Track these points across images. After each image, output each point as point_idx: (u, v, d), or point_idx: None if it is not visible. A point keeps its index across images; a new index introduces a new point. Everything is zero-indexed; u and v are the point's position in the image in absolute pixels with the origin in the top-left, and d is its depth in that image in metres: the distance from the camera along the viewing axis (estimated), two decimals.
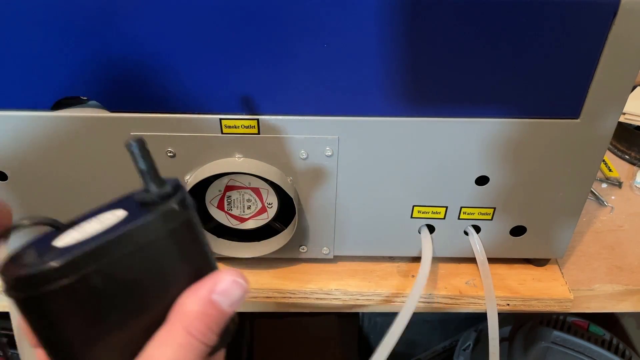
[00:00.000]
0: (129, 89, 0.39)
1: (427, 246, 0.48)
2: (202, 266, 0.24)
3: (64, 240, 0.21)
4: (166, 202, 0.22)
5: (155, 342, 0.23)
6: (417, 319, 0.91)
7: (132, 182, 0.47)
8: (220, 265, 0.25)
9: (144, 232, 0.21)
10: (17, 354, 0.32)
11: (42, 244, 0.21)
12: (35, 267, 0.20)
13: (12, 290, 0.20)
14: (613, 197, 0.64)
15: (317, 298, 0.51)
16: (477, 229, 0.49)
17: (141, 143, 0.23)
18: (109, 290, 0.21)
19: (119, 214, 0.22)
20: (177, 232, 0.23)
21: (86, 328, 0.21)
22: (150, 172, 0.23)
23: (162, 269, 0.22)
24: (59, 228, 0.23)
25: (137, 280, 0.22)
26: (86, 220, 0.23)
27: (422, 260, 0.48)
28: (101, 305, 0.21)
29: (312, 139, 0.42)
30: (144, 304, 0.23)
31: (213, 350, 0.24)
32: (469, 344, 0.81)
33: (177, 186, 0.23)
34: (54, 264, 0.20)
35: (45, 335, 0.21)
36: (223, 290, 0.24)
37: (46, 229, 0.23)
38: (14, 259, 0.21)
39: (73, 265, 0.20)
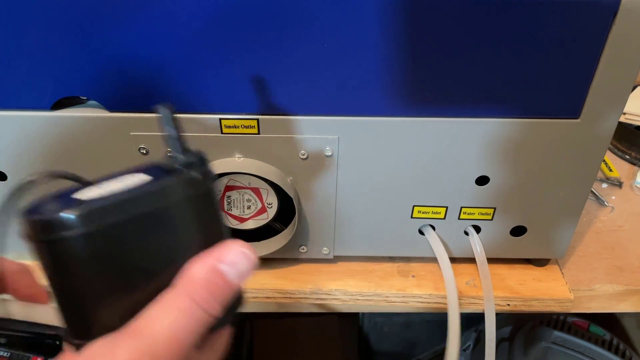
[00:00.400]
0: (129, 89, 0.39)
1: (437, 244, 0.49)
2: (214, 237, 0.24)
3: (86, 194, 0.22)
4: (189, 170, 0.23)
5: (157, 304, 0.22)
6: (417, 319, 0.91)
7: None
8: None
9: (163, 194, 0.22)
10: (18, 354, 0.33)
11: (64, 196, 0.22)
12: (56, 213, 0.20)
13: (32, 234, 0.21)
14: (613, 197, 0.64)
15: (317, 298, 0.51)
16: (477, 229, 0.49)
17: (170, 108, 0.23)
18: (123, 247, 0.21)
19: (142, 178, 0.23)
20: (195, 200, 0.23)
21: (96, 281, 0.21)
22: (177, 138, 0.23)
23: (176, 234, 0.23)
24: (82, 183, 0.23)
25: (151, 242, 0.22)
26: (109, 180, 0.23)
27: (439, 259, 0.48)
28: (114, 260, 0.21)
29: (312, 139, 0.42)
30: (155, 267, 0.23)
31: (217, 324, 0.24)
32: (469, 344, 0.81)
33: (202, 158, 0.24)
34: (73, 211, 0.20)
35: (56, 282, 0.22)
36: (231, 261, 0.24)
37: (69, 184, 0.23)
38: (36, 206, 0.21)
39: (92, 216, 0.21)
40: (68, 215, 0.20)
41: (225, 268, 0.23)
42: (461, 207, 0.47)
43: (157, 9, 0.36)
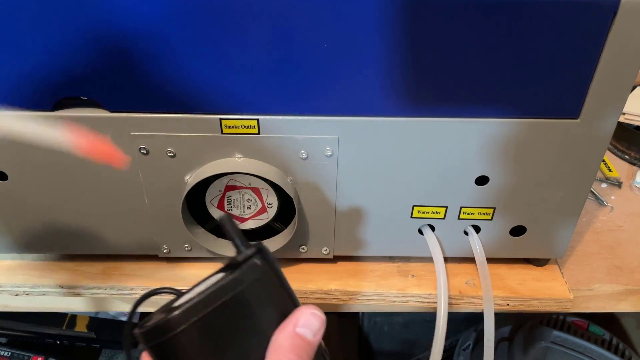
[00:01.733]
0: (129, 89, 0.39)
1: (434, 245, 0.49)
2: (288, 306, 0.29)
3: (182, 300, 0.27)
4: (251, 260, 0.29)
5: None
6: (417, 318, 0.91)
7: (131, 182, 0.47)
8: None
9: (235, 284, 0.27)
10: (19, 354, 0.38)
11: (167, 306, 0.28)
12: (160, 320, 0.26)
13: (144, 341, 0.27)
14: (613, 197, 0.64)
15: (317, 298, 0.51)
16: (477, 229, 0.49)
17: (229, 219, 0.29)
18: (215, 333, 0.27)
19: (218, 276, 0.28)
20: (262, 281, 0.28)
21: None
22: (240, 240, 0.29)
23: (255, 312, 0.28)
24: (180, 295, 0.29)
25: (237, 323, 0.27)
26: (198, 285, 0.29)
27: (435, 260, 0.49)
28: (211, 345, 0.27)
29: (312, 139, 0.42)
30: (245, 344, 0.28)
31: None
32: (469, 344, 0.81)
33: (260, 247, 0.29)
34: (172, 315, 0.26)
35: None
36: (304, 323, 0.28)
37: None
38: (149, 319, 0.27)
39: (185, 315, 0.26)
40: (168, 318, 0.26)
41: (302, 330, 0.28)
42: (461, 207, 0.47)
43: (158, 9, 0.36)
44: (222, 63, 0.38)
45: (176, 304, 0.27)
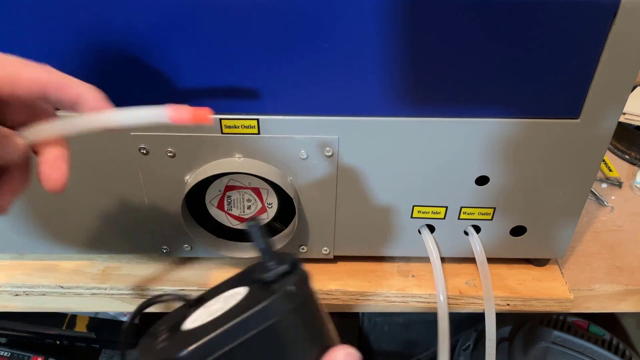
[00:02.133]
0: (130, 89, 0.39)
1: (431, 246, 0.49)
2: (323, 340, 0.25)
3: (192, 321, 0.23)
4: (285, 282, 0.23)
5: None
6: (417, 319, 0.91)
7: (131, 182, 0.46)
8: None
9: (263, 316, 0.22)
10: (19, 354, 0.35)
11: (174, 325, 0.23)
12: (167, 355, 0.21)
13: None
14: (613, 197, 0.64)
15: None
16: (477, 229, 0.49)
17: (257, 224, 0.25)
18: None
19: (240, 292, 0.24)
20: (296, 311, 0.23)
21: None
22: (268, 250, 0.24)
23: (285, 348, 0.23)
24: (190, 306, 0.24)
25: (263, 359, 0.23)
26: (212, 298, 0.24)
27: (432, 260, 0.49)
28: None
29: (312, 139, 0.42)
30: None
31: None
32: (469, 344, 0.81)
33: (294, 263, 0.25)
34: (182, 354, 0.21)
35: None
36: None
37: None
38: (151, 339, 0.23)
39: (199, 354, 0.21)
40: (178, 356, 0.21)
41: None
42: (461, 207, 0.47)
43: (158, 8, 0.36)
44: (221, 62, 0.38)
45: (187, 326, 0.23)
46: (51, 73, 0.28)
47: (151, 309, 0.30)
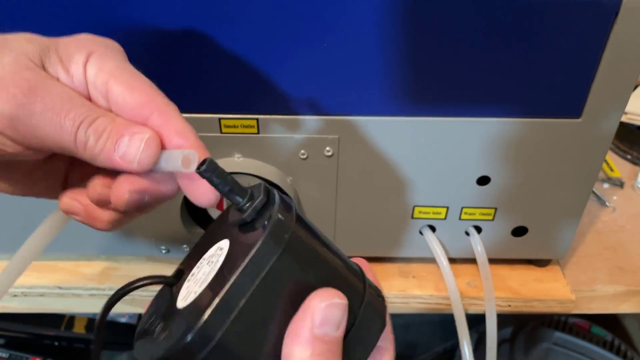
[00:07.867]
0: None
1: (436, 246, 0.49)
2: (327, 270, 0.22)
3: (184, 298, 0.20)
4: (268, 214, 0.20)
5: None
6: (418, 320, 0.91)
7: None
8: None
9: (265, 253, 0.19)
10: (17, 355, 0.33)
11: (166, 311, 0.20)
12: (167, 345, 0.19)
13: None
14: (615, 198, 0.63)
15: None
16: (478, 230, 0.49)
17: (210, 164, 0.21)
18: (251, 329, 0.20)
19: (222, 246, 0.21)
20: (292, 243, 0.20)
21: None
22: (234, 189, 0.21)
23: (291, 289, 0.20)
24: (171, 284, 0.21)
25: (272, 309, 0.20)
26: (194, 268, 0.21)
27: (438, 260, 0.48)
28: (249, 340, 0.20)
29: (312, 139, 0.42)
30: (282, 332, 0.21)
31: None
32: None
33: (267, 190, 0.21)
34: (186, 339, 0.18)
35: None
36: (322, 321, 0.21)
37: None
38: (146, 336, 0.20)
39: (214, 320, 0.19)
40: (182, 345, 0.18)
41: (321, 331, 0.21)
42: (462, 208, 0.47)
43: (158, 8, 0.36)
44: (220, 62, 0.38)
45: (181, 305, 0.20)
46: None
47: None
